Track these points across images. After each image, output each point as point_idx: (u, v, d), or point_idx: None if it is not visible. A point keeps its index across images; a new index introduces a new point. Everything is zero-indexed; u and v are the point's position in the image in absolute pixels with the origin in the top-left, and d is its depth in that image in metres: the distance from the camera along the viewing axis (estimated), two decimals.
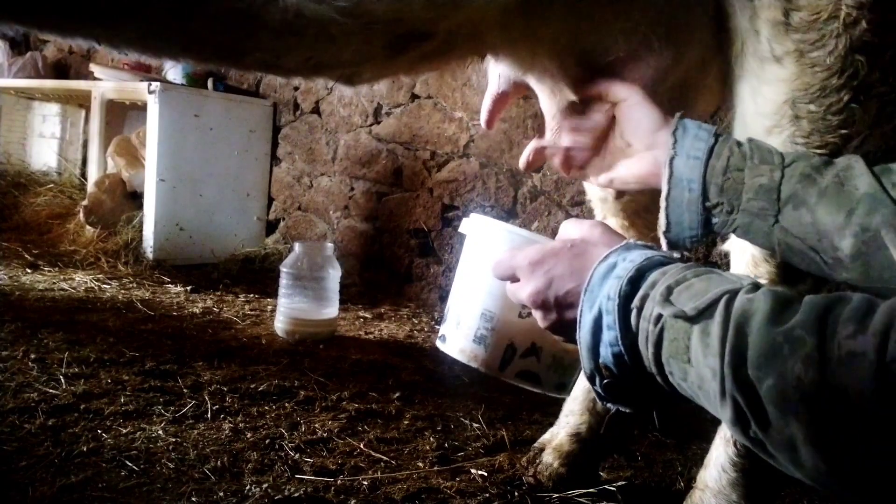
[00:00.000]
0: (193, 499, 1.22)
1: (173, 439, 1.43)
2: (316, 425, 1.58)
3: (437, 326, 0.96)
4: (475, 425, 1.67)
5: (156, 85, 3.12)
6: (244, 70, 0.96)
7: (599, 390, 0.71)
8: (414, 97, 3.11)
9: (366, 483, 1.33)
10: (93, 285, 2.72)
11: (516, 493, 1.35)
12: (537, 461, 1.45)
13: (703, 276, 0.64)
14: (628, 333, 0.65)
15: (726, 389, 0.55)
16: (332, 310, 2.37)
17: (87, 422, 1.47)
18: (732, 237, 0.94)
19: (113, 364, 1.84)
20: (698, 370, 0.58)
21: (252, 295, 2.85)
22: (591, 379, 0.71)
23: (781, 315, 0.53)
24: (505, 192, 2.83)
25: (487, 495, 1.32)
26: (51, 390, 1.60)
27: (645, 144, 0.89)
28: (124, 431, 1.44)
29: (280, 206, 3.69)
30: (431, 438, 1.55)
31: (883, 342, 0.46)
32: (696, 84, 1.07)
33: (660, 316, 0.62)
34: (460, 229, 0.96)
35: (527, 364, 0.89)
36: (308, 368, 1.97)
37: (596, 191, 1.32)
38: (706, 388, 0.58)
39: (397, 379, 1.96)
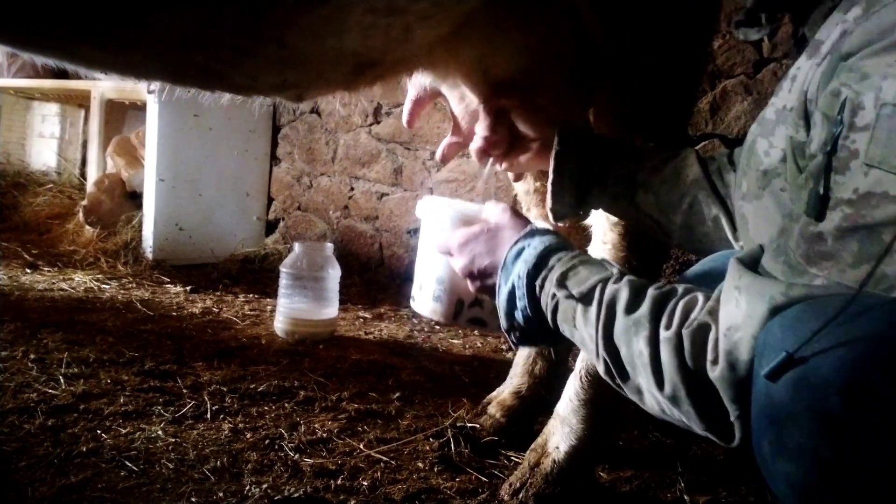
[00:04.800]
0: (193, 499, 1.22)
1: (173, 439, 1.43)
2: (316, 425, 1.58)
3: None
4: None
5: (155, 85, 3.11)
6: (215, 90, 1.10)
7: (514, 339, 0.97)
8: None
9: (366, 483, 1.33)
10: (92, 285, 2.72)
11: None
12: (483, 413, 1.64)
13: (586, 264, 0.87)
14: (534, 302, 0.90)
15: (599, 352, 0.80)
16: (331, 310, 2.37)
17: (87, 422, 1.47)
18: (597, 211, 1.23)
19: (112, 364, 1.83)
20: (581, 333, 0.84)
21: (252, 295, 2.85)
22: (507, 332, 0.97)
23: (634, 303, 0.77)
24: (505, 192, 2.83)
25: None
26: (50, 390, 1.60)
27: (533, 137, 1.17)
28: (124, 431, 1.44)
29: (280, 205, 3.69)
30: (431, 438, 1.55)
31: (679, 336, 0.71)
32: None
33: (555, 294, 0.87)
34: (416, 213, 1.13)
35: (474, 312, 1.11)
36: (308, 368, 1.97)
37: (520, 186, 1.62)
38: (587, 346, 0.84)
39: (397, 379, 1.96)
